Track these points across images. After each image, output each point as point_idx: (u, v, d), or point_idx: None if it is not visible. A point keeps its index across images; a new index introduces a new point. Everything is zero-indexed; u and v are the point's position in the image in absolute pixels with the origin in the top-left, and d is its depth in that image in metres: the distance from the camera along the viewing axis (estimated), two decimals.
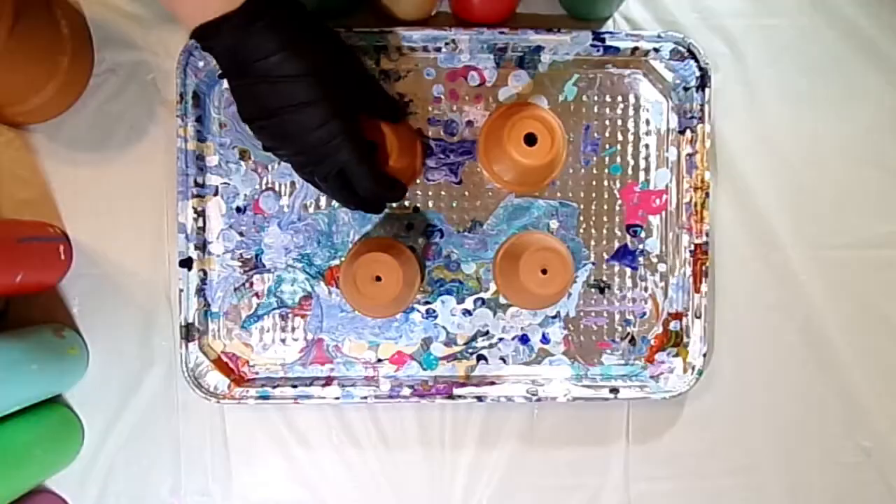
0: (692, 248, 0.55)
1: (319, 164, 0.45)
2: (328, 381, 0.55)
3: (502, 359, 0.55)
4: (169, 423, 0.56)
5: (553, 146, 0.49)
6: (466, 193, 0.55)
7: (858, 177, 0.57)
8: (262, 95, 0.42)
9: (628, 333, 0.56)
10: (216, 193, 0.55)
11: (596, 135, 0.55)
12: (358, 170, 0.45)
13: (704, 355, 0.54)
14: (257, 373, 0.55)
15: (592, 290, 0.55)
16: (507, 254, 0.53)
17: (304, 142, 0.43)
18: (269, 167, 0.55)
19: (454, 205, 0.55)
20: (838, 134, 0.57)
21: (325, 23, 0.45)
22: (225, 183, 0.55)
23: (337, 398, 0.54)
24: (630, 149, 0.55)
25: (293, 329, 0.55)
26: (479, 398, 0.54)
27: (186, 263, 0.53)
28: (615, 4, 0.54)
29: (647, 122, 0.55)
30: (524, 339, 0.55)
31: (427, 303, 0.55)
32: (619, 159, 0.55)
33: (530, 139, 0.49)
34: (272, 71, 0.40)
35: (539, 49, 0.54)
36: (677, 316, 0.55)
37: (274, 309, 0.55)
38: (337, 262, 0.55)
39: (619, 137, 0.55)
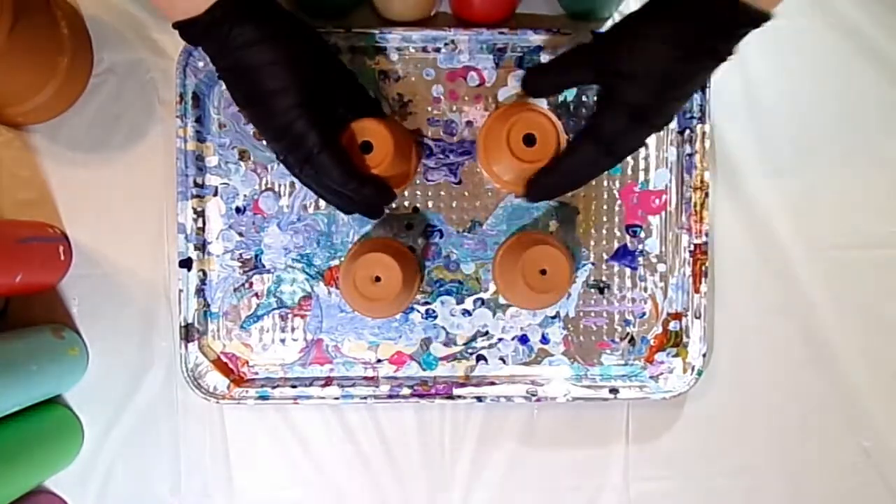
0: (692, 248, 0.55)
1: (290, 154, 0.45)
2: (328, 381, 0.55)
3: (502, 359, 0.55)
4: (169, 424, 0.56)
5: (553, 146, 0.49)
6: (466, 194, 0.55)
7: (858, 177, 0.57)
8: (241, 82, 0.44)
9: (628, 333, 0.56)
10: (216, 194, 0.55)
11: None
12: (320, 158, 0.44)
13: (704, 355, 0.54)
14: (257, 373, 0.55)
15: (592, 290, 0.55)
16: (507, 254, 0.53)
17: (273, 128, 0.44)
18: (269, 167, 0.55)
19: (454, 205, 0.55)
20: (838, 134, 0.56)
21: (301, 19, 0.46)
22: (224, 183, 0.55)
23: (336, 398, 0.54)
24: None
25: (293, 329, 0.55)
26: (479, 398, 0.54)
27: (186, 264, 0.53)
28: (614, 5, 0.54)
29: None
30: (524, 340, 0.55)
31: (426, 303, 0.55)
32: None
33: (530, 139, 0.49)
34: (247, 59, 0.42)
35: (539, 49, 0.54)
36: (677, 316, 0.55)
37: (273, 309, 0.55)
38: (336, 262, 0.55)
39: None
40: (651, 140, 0.55)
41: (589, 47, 0.45)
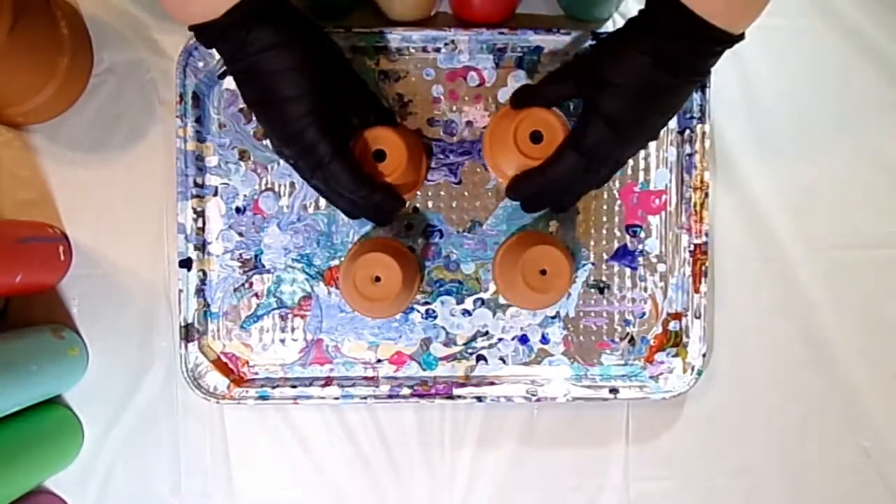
0: (692, 248, 0.55)
1: (300, 160, 0.46)
2: (328, 381, 0.55)
3: (502, 359, 0.55)
4: (169, 424, 0.56)
5: (559, 144, 0.49)
6: (466, 193, 0.55)
7: (858, 177, 0.57)
8: (255, 86, 0.44)
9: (628, 333, 0.56)
10: (216, 194, 0.55)
11: None
12: (331, 167, 0.45)
13: (704, 355, 0.54)
14: (257, 373, 0.55)
15: (592, 290, 0.55)
16: (507, 254, 0.53)
17: (285, 134, 0.45)
18: (269, 167, 0.55)
19: (454, 205, 0.55)
20: (838, 134, 0.56)
21: (319, 26, 0.46)
22: (224, 183, 0.55)
23: (336, 398, 0.54)
24: None
25: (293, 329, 0.55)
26: (479, 398, 0.54)
27: (186, 264, 0.53)
28: (613, 5, 0.54)
29: None
30: (524, 340, 0.55)
31: (426, 303, 0.55)
32: None
33: (537, 137, 0.49)
34: (263, 64, 0.42)
35: (538, 49, 0.54)
36: (677, 316, 0.55)
37: (273, 309, 0.55)
38: (336, 262, 0.55)
39: None
40: None
41: (574, 62, 0.47)
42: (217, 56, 0.53)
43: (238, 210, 0.55)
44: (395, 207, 0.50)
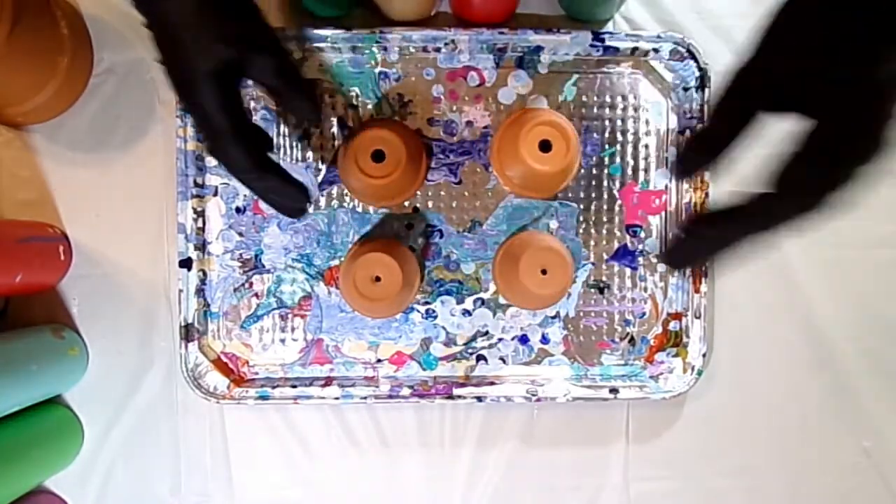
0: None
1: (201, 130, 0.42)
2: (328, 381, 0.55)
3: (502, 359, 0.55)
4: (169, 424, 0.56)
5: (568, 153, 0.49)
6: (466, 193, 0.55)
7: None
8: (157, 37, 0.39)
9: (628, 334, 0.56)
10: (216, 194, 0.55)
11: (595, 135, 0.55)
12: (225, 139, 0.40)
13: (704, 355, 0.54)
14: (257, 373, 0.55)
15: (592, 290, 0.55)
16: (507, 254, 0.53)
17: (184, 96, 0.40)
18: None
19: (454, 205, 0.55)
20: None
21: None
22: (224, 183, 0.55)
23: (336, 398, 0.54)
24: (630, 149, 0.55)
25: (293, 329, 0.55)
26: (479, 398, 0.54)
27: (186, 264, 0.53)
28: (615, 7, 0.54)
29: (647, 123, 0.55)
30: (524, 340, 0.55)
31: (427, 303, 0.55)
32: (618, 160, 0.55)
33: (545, 146, 0.49)
34: (165, 15, 0.38)
35: (539, 49, 0.54)
36: (677, 316, 0.55)
37: (273, 309, 0.55)
38: (337, 262, 0.55)
39: (619, 138, 0.55)
40: (651, 140, 0.55)
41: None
42: None
43: (238, 210, 0.55)
44: (296, 198, 0.44)
